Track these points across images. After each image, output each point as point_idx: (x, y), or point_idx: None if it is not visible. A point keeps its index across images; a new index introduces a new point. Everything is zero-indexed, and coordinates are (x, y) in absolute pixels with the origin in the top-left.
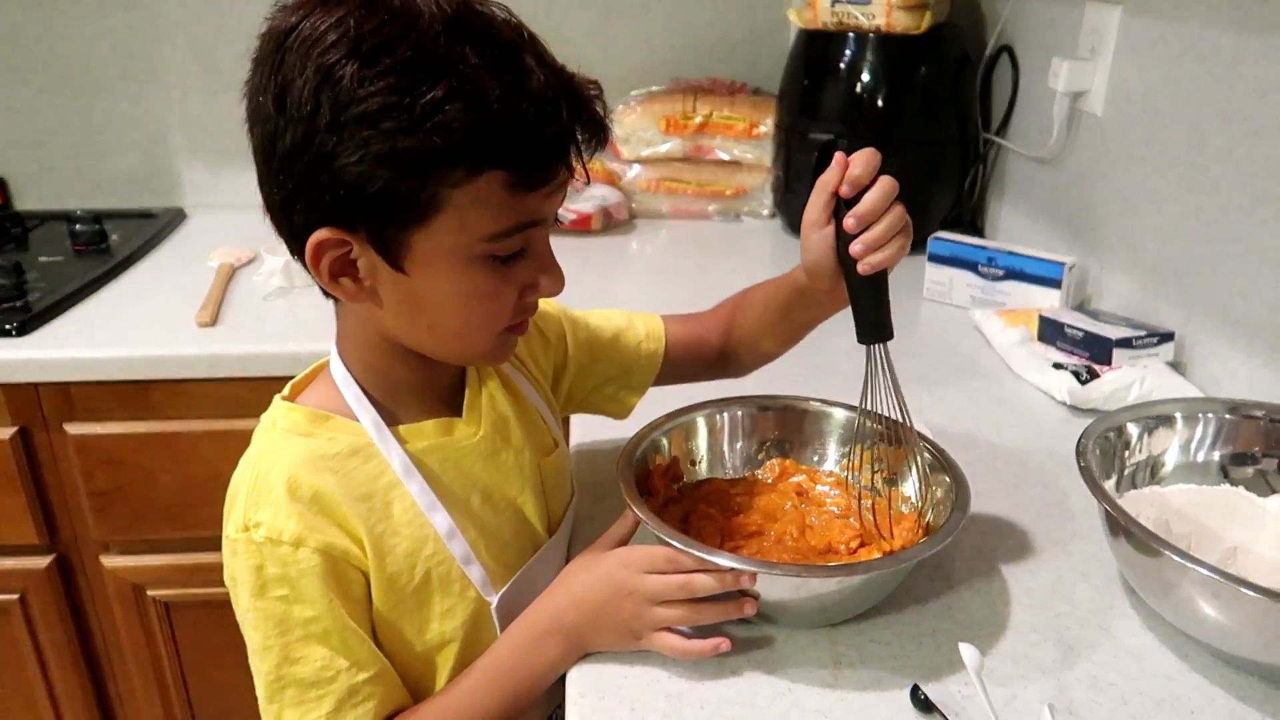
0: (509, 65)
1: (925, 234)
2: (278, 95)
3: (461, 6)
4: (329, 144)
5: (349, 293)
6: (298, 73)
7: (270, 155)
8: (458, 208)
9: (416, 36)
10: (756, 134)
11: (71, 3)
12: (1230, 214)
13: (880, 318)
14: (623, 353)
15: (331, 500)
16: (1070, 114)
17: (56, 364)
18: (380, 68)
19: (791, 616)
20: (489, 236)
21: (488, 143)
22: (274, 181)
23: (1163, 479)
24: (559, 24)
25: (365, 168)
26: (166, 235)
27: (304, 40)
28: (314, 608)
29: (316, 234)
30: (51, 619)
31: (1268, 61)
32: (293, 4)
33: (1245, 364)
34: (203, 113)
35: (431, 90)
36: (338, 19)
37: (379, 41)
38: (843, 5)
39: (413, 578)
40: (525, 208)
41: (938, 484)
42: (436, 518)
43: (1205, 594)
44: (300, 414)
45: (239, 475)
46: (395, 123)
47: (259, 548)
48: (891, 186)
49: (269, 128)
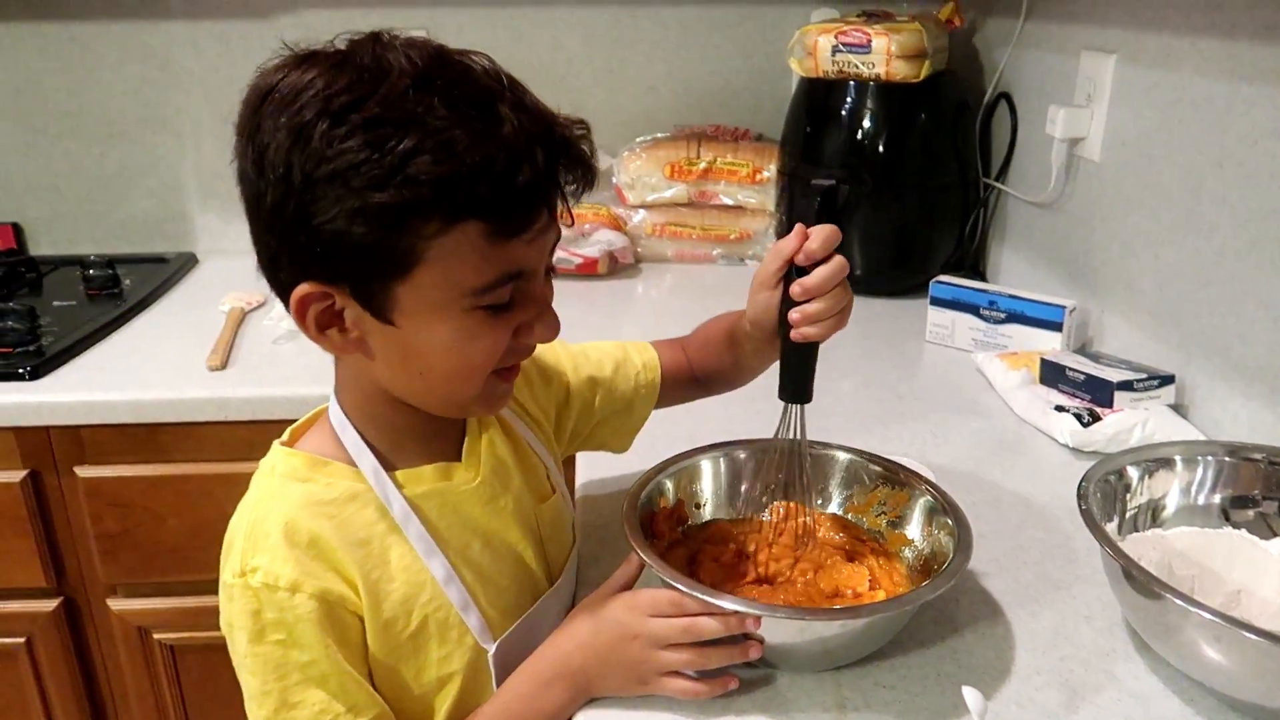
0: (479, 114)
1: (927, 277)
2: (256, 158)
3: (433, 59)
4: (305, 203)
5: (337, 344)
6: (271, 135)
7: (255, 214)
8: (439, 259)
9: (385, 92)
10: (759, 179)
11: (91, 52)
12: (1226, 258)
13: (803, 382)
14: (623, 386)
15: (328, 546)
16: (1068, 160)
17: (68, 407)
18: (348, 125)
19: (796, 660)
20: (476, 290)
21: (459, 193)
22: (260, 240)
23: (1164, 522)
24: (565, 73)
25: (341, 224)
26: (178, 280)
27: (278, 102)
28: (310, 652)
29: (299, 288)
30: (57, 662)
31: (1259, 109)
32: (271, 67)
33: (1245, 406)
34: (215, 160)
35: (400, 144)
36: (309, 80)
37: (348, 99)
38: (843, 55)
39: (409, 624)
40: (509, 257)
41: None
42: (434, 563)
43: (1208, 638)
44: (299, 459)
45: (236, 520)
46: (365, 179)
47: (256, 593)
48: (841, 268)
49: (251, 189)
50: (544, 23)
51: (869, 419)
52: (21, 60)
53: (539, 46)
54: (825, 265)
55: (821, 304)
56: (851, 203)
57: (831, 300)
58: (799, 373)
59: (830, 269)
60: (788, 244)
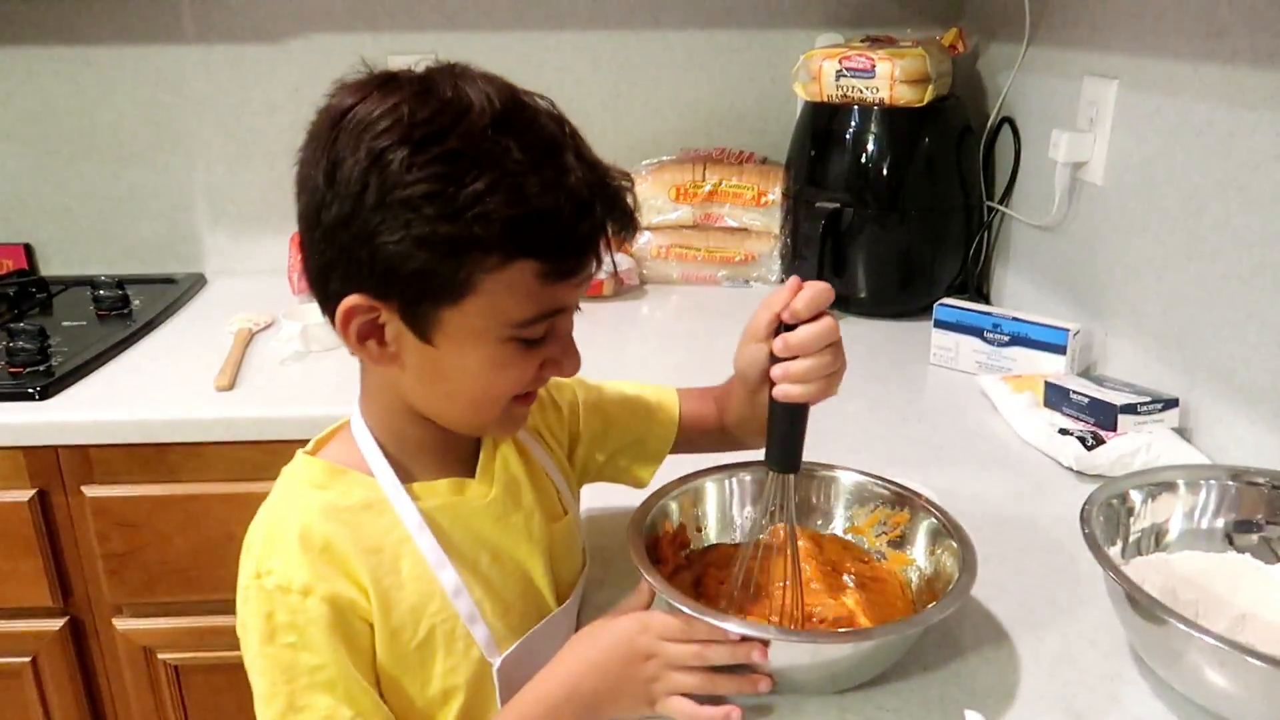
0: (550, 162)
1: (931, 300)
2: (329, 170)
3: (509, 101)
4: (372, 222)
5: (374, 355)
6: (349, 152)
7: (314, 223)
8: (490, 292)
9: (465, 128)
10: (764, 202)
11: (104, 77)
12: (1230, 282)
13: (788, 449)
14: (636, 423)
15: (341, 551)
16: (1071, 184)
17: (77, 427)
18: (428, 155)
19: (800, 683)
20: (517, 323)
21: (524, 234)
22: (316, 247)
23: (1167, 546)
24: (572, 96)
25: (405, 247)
26: (187, 300)
27: (359, 122)
28: (319, 656)
29: (349, 300)
30: (62, 682)
31: (1260, 135)
32: (353, 85)
33: (1250, 430)
34: (226, 182)
35: (475, 182)
36: (392, 105)
37: (429, 131)
38: (847, 79)
39: (417, 633)
40: (554, 296)
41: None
42: (444, 574)
43: (1212, 662)
44: (318, 467)
45: (256, 524)
46: (437, 209)
47: (270, 595)
48: (828, 329)
49: (316, 198)
50: (552, 47)
51: (873, 440)
52: (35, 83)
53: (546, 70)
54: (812, 325)
55: (806, 364)
56: (856, 226)
57: (818, 361)
58: (784, 438)
59: (818, 328)
60: (777, 297)
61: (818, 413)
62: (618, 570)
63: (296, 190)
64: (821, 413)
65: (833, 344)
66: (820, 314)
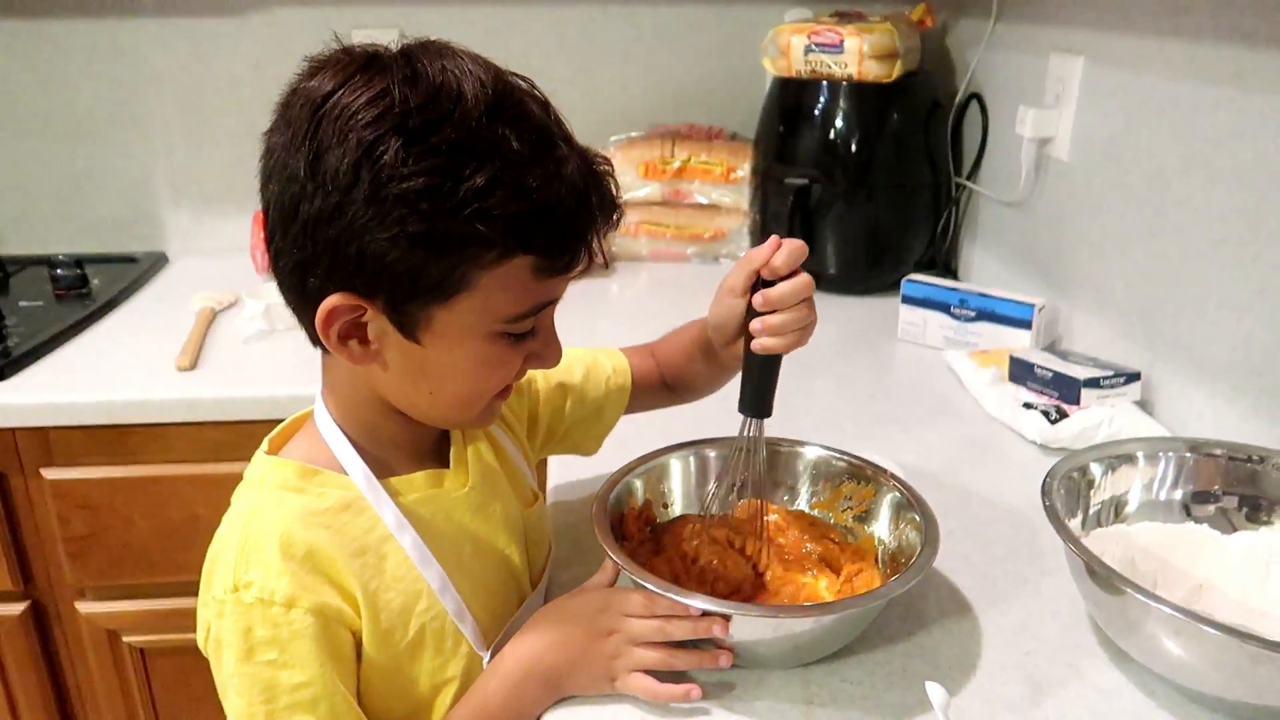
0: (546, 151)
1: (899, 276)
2: (311, 161)
3: (499, 85)
4: (362, 218)
5: (354, 355)
6: (336, 142)
7: (290, 216)
8: (484, 289)
9: (460, 117)
10: (733, 178)
11: (58, 50)
12: (1191, 258)
13: (761, 396)
14: (593, 391)
15: (326, 557)
16: (1038, 160)
17: (35, 409)
18: (424, 147)
19: (764, 657)
20: (509, 318)
21: (525, 230)
22: (292, 242)
23: (1127, 517)
24: (539, 71)
25: (399, 245)
26: (148, 280)
27: (344, 109)
28: (304, 672)
29: (331, 299)
30: (25, 666)
31: (1223, 111)
32: (331, 66)
33: (1209, 403)
34: (186, 159)
35: (474, 176)
36: (379, 91)
37: (424, 119)
38: (815, 54)
39: (406, 633)
40: (547, 290)
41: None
42: (429, 572)
43: (1169, 632)
44: (290, 468)
45: (225, 534)
46: (435, 205)
47: (249, 609)
48: (805, 285)
49: (294, 189)
50: (517, 21)
51: (841, 416)
52: None
53: (513, 45)
54: (790, 280)
55: (784, 317)
56: (824, 202)
57: (794, 315)
58: (759, 385)
59: (795, 284)
60: (758, 254)
61: (787, 387)
62: (584, 548)
63: (263, 176)
64: (789, 389)
65: (807, 299)
66: (796, 270)
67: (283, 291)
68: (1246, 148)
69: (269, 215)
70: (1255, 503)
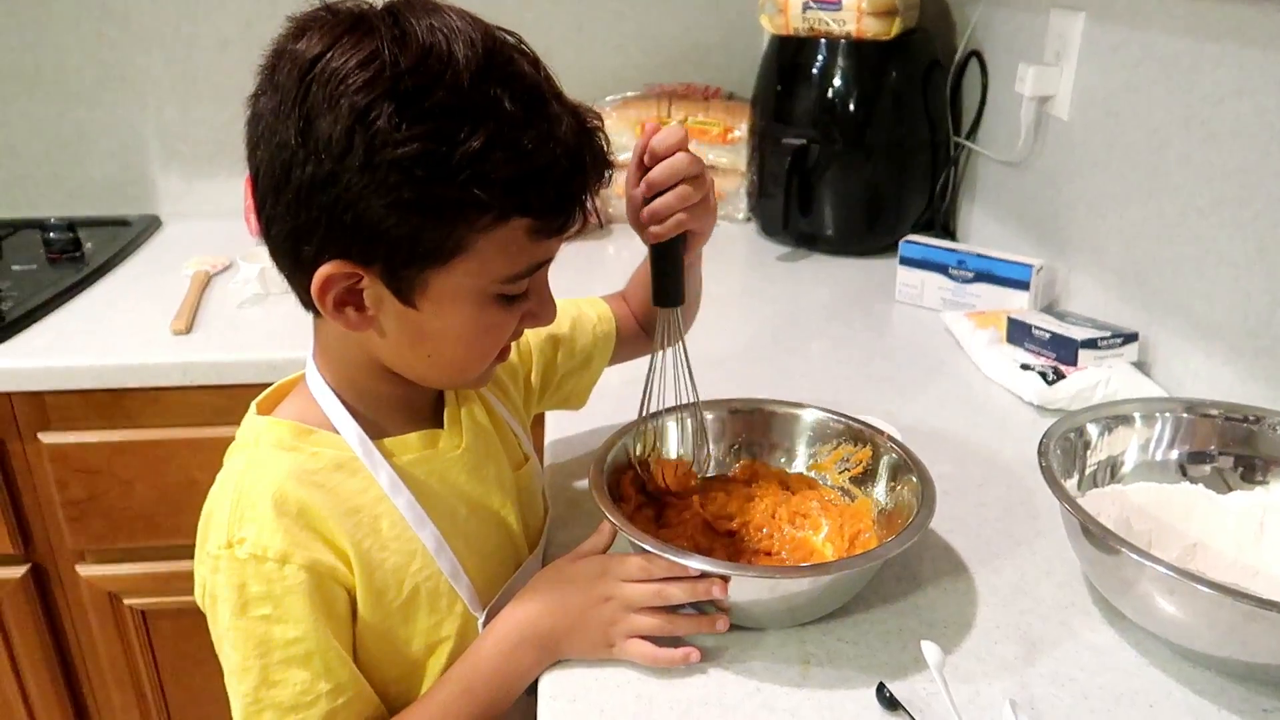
0: (540, 111)
1: (897, 237)
2: (302, 127)
3: (489, 45)
4: (357, 184)
5: (351, 322)
6: (327, 107)
7: (282, 184)
8: (480, 252)
9: (453, 79)
10: (731, 139)
11: (46, 11)
12: (1190, 217)
13: (668, 285)
14: (581, 340)
15: (318, 515)
16: (1037, 118)
17: (30, 373)
18: (418, 111)
19: (761, 617)
20: (504, 279)
21: (522, 193)
22: (284, 209)
23: (1123, 478)
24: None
25: (394, 211)
26: (141, 243)
27: (333, 73)
28: (298, 627)
29: (327, 267)
30: (27, 629)
31: (1224, 68)
32: (316, 26)
33: (1206, 363)
34: (178, 121)
35: (470, 139)
36: (369, 53)
37: (416, 82)
38: (813, 11)
39: (401, 593)
40: (541, 250)
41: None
42: (424, 532)
43: (1162, 590)
44: (284, 428)
45: (219, 491)
46: (431, 170)
47: (242, 564)
48: (683, 162)
49: (284, 155)
50: None
51: (838, 379)
52: None
53: (506, 3)
54: (663, 162)
55: (664, 199)
56: (822, 163)
57: (675, 195)
58: (662, 275)
59: (668, 165)
60: (639, 141)
61: (784, 349)
62: (582, 510)
63: (250, 142)
64: (788, 351)
65: (693, 177)
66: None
67: (275, 259)
68: (1247, 105)
69: (259, 182)
70: (1250, 463)
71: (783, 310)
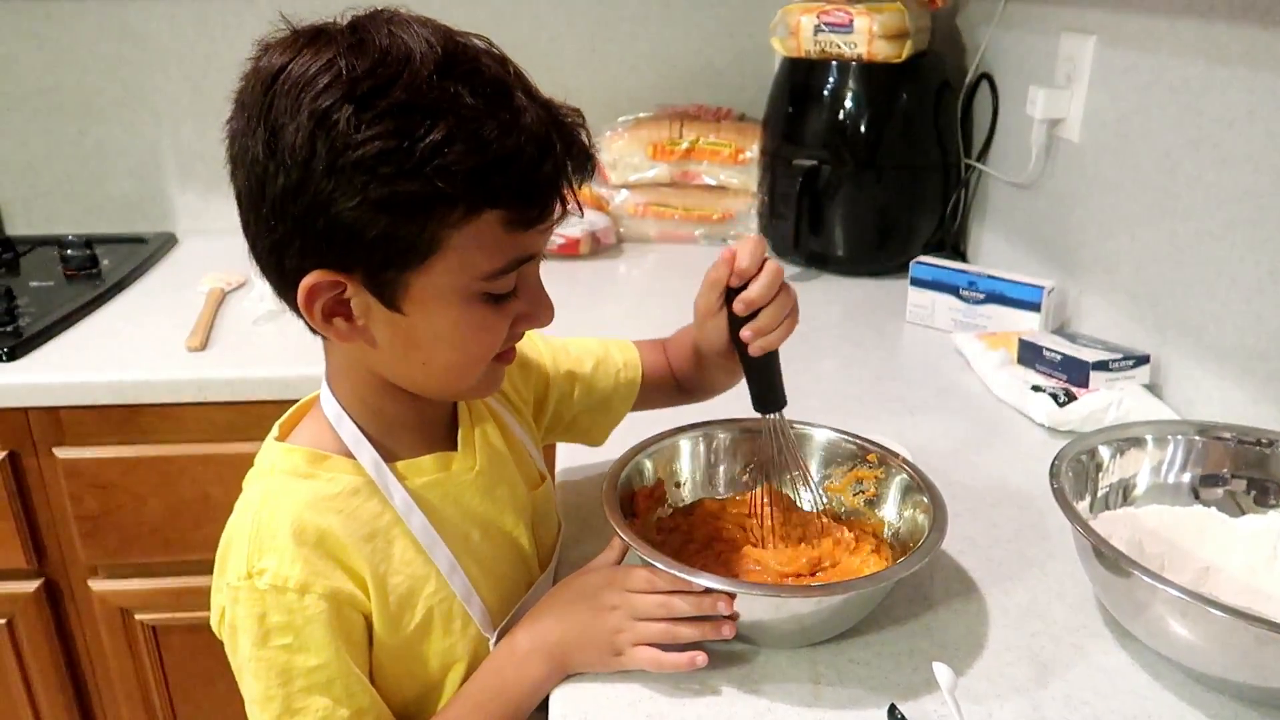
0: (502, 103)
1: (908, 258)
2: (268, 140)
3: (449, 44)
4: (325, 189)
5: (341, 333)
6: (289, 117)
7: (259, 199)
8: (457, 248)
9: (410, 78)
10: (742, 159)
11: (67, 31)
12: (1202, 240)
13: (774, 391)
14: (602, 381)
15: (337, 542)
16: (1048, 141)
17: (46, 388)
18: (376, 111)
19: (771, 636)
20: (486, 275)
21: (487, 183)
22: (264, 225)
23: (1135, 500)
24: (546, 51)
25: (364, 212)
26: (158, 260)
27: (294, 83)
28: (319, 655)
29: (310, 277)
30: (39, 643)
31: (1235, 91)
32: (276, 44)
33: (1219, 386)
34: (195, 139)
35: (430, 134)
36: (327, 61)
37: (373, 84)
38: (825, 34)
39: (414, 616)
40: (521, 244)
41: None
42: (437, 554)
43: (1175, 614)
44: (299, 455)
45: (238, 521)
46: (394, 167)
47: (263, 595)
48: (777, 273)
49: (257, 171)
50: (525, 1)
51: (849, 399)
52: None
53: (520, 25)
54: (761, 276)
55: (769, 312)
56: (833, 184)
57: (778, 307)
58: (769, 384)
59: (766, 278)
60: (720, 268)
61: (795, 369)
62: (593, 528)
63: (231, 167)
64: (797, 371)
65: (783, 285)
66: (762, 265)
67: (266, 277)
68: (1258, 128)
69: (240, 202)
70: (1264, 486)
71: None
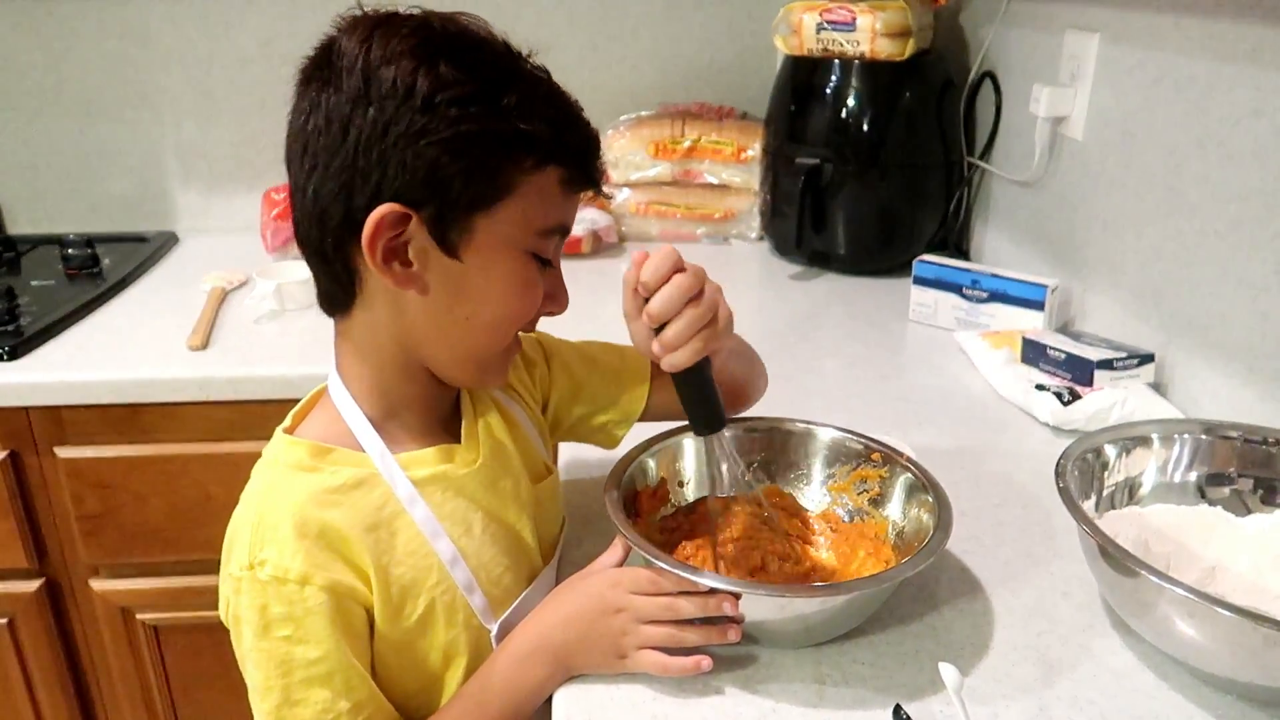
0: (553, 86)
1: (911, 257)
2: (360, 86)
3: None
4: (419, 122)
5: (397, 277)
6: (391, 60)
7: (337, 144)
8: (523, 196)
9: (490, 50)
10: (744, 158)
11: (68, 29)
12: (1207, 238)
13: (705, 411)
14: (606, 382)
15: (340, 535)
16: (1052, 139)
17: (47, 388)
18: (470, 63)
19: (776, 636)
20: (540, 231)
21: (559, 138)
22: (338, 168)
23: (1141, 499)
24: (548, 48)
25: (452, 146)
26: (159, 259)
27: (389, 39)
28: (319, 647)
29: (380, 209)
30: (40, 643)
31: (1240, 89)
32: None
33: (1224, 384)
34: (196, 138)
35: (512, 91)
36: (417, 25)
37: (462, 45)
38: (827, 32)
39: (416, 607)
40: (566, 210)
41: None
42: (440, 545)
43: (1181, 613)
44: (303, 448)
45: (242, 512)
46: (487, 107)
47: (264, 586)
48: (685, 286)
49: (343, 112)
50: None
51: (852, 397)
52: None
53: (522, 23)
54: (664, 289)
55: (674, 327)
56: (836, 182)
57: (683, 323)
58: (697, 402)
59: (669, 290)
60: (630, 273)
61: (798, 368)
62: (597, 528)
63: (298, 124)
64: (801, 370)
65: (693, 299)
66: (668, 276)
67: (319, 230)
68: (1264, 126)
69: (301, 166)
70: (1270, 485)
71: (796, 329)
